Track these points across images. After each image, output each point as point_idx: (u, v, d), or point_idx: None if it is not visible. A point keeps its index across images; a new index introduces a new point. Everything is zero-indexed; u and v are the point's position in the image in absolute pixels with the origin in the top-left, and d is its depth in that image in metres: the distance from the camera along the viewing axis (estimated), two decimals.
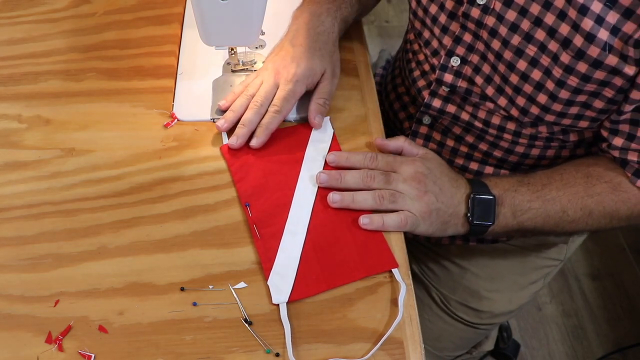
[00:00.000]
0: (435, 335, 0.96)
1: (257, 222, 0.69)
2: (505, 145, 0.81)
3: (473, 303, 0.94)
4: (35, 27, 0.92)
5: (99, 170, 0.74)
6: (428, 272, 0.96)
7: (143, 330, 0.61)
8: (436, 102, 0.82)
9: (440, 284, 0.95)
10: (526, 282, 0.95)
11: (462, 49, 0.76)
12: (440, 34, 0.78)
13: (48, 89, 0.83)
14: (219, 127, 0.75)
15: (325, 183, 0.71)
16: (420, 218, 0.68)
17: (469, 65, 0.76)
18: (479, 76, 0.76)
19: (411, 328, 0.62)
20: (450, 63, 0.77)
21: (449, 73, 0.78)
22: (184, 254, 0.67)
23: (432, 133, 0.86)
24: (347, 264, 0.66)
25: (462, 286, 0.93)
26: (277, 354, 0.60)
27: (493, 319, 0.96)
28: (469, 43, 0.75)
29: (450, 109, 0.81)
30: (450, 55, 0.77)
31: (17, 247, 0.67)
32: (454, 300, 0.94)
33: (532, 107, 0.71)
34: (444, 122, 0.84)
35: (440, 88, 0.80)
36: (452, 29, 0.76)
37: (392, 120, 0.94)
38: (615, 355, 1.46)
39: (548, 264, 0.95)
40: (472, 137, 0.83)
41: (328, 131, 0.78)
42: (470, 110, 0.79)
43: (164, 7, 0.95)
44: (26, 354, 0.60)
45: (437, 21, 0.77)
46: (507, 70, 0.71)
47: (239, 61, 0.85)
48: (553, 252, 0.94)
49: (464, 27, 0.74)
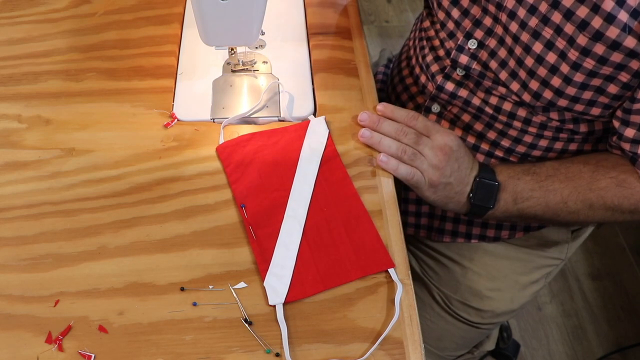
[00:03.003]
0: (437, 335, 0.96)
1: (252, 223, 0.69)
2: (513, 134, 0.81)
3: (475, 302, 0.94)
4: (35, 27, 0.92)
5: (99, 170, 0.74)
6: (429, 271, 0.96)
7: (143, 330, 0.61)
8: (449, 86, 0.82)
9: (441, 283, 0.95)
10: (528, 281, 0.95)
11: (481, 33, 0.76)
12: (460, 16, 0.78)
13: (48, 89, 0.83)
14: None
15: (364, 121, 0.75)
16: (427, 184, 0.73)
17: (485, 50, 0.76)
18: (494, 60, 0.76)
19: (411, 328, 0.62)
20: (467, 45, 0.78)
21: (465, 55, 0.78)
22: (184, 254, 0.67)
23: (440, 122, 0.86)
24: (343, 265, 0.66)
25: (463, 286, 0.93)
26: (277, 354, 0.60)
27: (495, 318, 0.97)
28: (488, 27, 0.75)
29: (462, 94, 0.81)
30: (468, 38, 0.77)
31: (17, 247, 0.67)
32: (455, 300, 0.94)
33: (545, 91, 0.72)
34: (454, 109, 0.84)
35: (454, 72, 0.81)
36: (473, 13, 0.76)
37: None
38: (615, 355, 1.46)
39: (549, 263, 0.95)
40: (482, 124, 0.82)
41: (323, 131, 0.78)
42: (482, 95, 0.80)
43: (164, 7, 0.95)
44: (26, 354, 0.60)
45: (459, 4, 0.77)
46: (523, 53, 0.71)
47: (239, 61, 0.85)
48: (554, 251, 0.94)
49: (485, 10, 0.74)
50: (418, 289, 0.94)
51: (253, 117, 0.81)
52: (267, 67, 0.86)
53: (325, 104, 0.82)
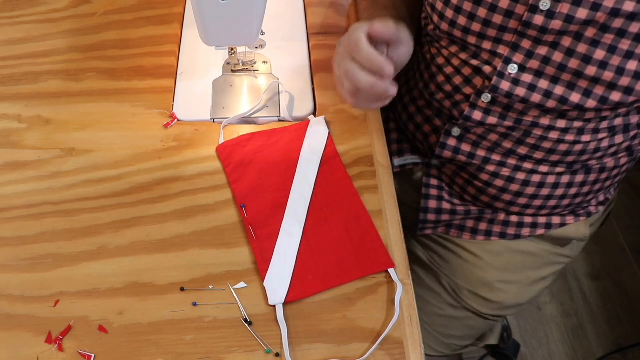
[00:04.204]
0: (444, 322, 0.95)
1: (252, 223, 0.69)
2: (548, 145, 0.79)
3: (484, 293, 0.93)
4: (35, 27, 0.92)
5: (99, 170, 0.74)
6: (438, 260, 0.95)
7: (143, 330, 0.61)
8: (476, 115, 0.79)
9: (452, 272, 0.94)
10: (538, 276, 0.95)
11: (521, 56, 0.73)
12: (493, 45, 0.74)
13: (48, 89, 0.83)
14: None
15: None
16: None
17: (528, 72, 0.74)
18: (542, 79, 0.73)
19: (411, 328, 0.62)
20: (507, 71, 0.74)
21: (506, 80, 0.75)
22: (184, 254, 0.67)
23: (461, 145, 0.84)
24: (343, 265, 0.66)
25: (474, 275, 0.93)
26: (277, 354, 0.60)
27: (502, 310, 0.96)
28: (527, 49, 0.72)
29: (491, 121, 0.79)
30: (508, 63, 0.74)
31: (17, 247, 0.67)
32: (465, 289, 0.93)
33: (612, 94, 0.70)
34: (478, 131, 0.81)
35: (478, 99, 0.78)
36: (506, 39, 0.73)
37: (412, 133, 0.91)
38: (615, 355, 1.46)
39: (560, 261, 0.95)
40: (511, 142, 0.80)
41: (323, 131, 0.78)
42: (515, 116, 0.77)
43: (164, 7, 0.95)
44: (26, 354, 0.60)
45: (487, 36, 0.74)
46: (581, 64, 0.70)
47: (239, 61, 0.85)
48: (567, 248, 0.94)
49: (521, 34, 0.72)
50: (426, 276, 0.93)
51: (253, 117, 0.81)
52: (267, 67, 0.86)
53: (325, 104, 0.82)
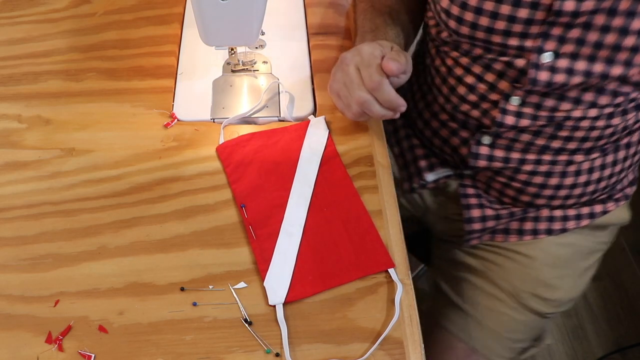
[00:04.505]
0: (511, 328, 0.94)
1: (252, 223, 0.69)
2: (580, 134, 0.78)
3: (542, 292, 0.92)
4: (35, 27, 0.92)
5: (99, 170, 0.74)
6: (492, 266, 0.94)
7: (143, 330, 0.61)
8: (509, 120, 0.78)
9: (508, 276, 0.93)
10: (585, 266, 0.95)
11: (554, 43, 0.72)
12: (520, 40, 0.73)
13: (48, 89, 0.83)
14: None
15: None
16: None
17: (563, 57, 0.72)
18: (579, 61, 0.72)
19: (411, 328, 0.62)
20: (541, 61, 0.73)
21: (544, 70, 0.73)
22: (184, 254, 0.67)
23: (494, 152, 0.83)
24: (343, 265, 0.66)
25: (530, 276, 0.92)
26: (277, 354, 0.60)
27: (560, 307, 0.95)
28: (559, 35, 0.71)
29: (524, 123, 0.78)
30: (540, 52, 0.73)
31: (17, 247, 0.67)
32: (524, 291, 0.92)
33: None
34: (509, 134, 0.80)
35: (507, 103, 0.77)
36: (533, 32, 0.72)
37: (439, 147, 0.90)
38: (615, 355, 1.46)
39: (602, 247, 0.95)
40: (544, 139, 0.79)
41: (323, 131, 0.78)
42: (547, 113, 0.76)
43: (164, 7, 0.95)
44: (26, 354, 0.60)
45: (512, 32, 0.73)
46: (619, 37, 0.69)
47: (239, 61, 0.85)
48: (606, 234, 0.93)
49: (551, 23, 0.70)
50: (484, 284, 0.92)
51: (253, 117, 0.81)
52: (267, 67, 0.86)
53: (325, 104, 0.82)
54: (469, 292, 0.92)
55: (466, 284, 0.93)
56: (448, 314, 0.93)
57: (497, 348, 0.93)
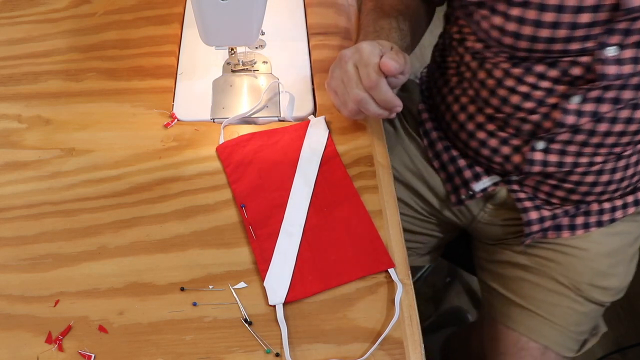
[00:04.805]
0: (577, 320, 0.94)
1: (252, 223, 0.69)
2: (634, 128, 0.78)
3: (600, 282, 0.93)
4: (35, 27, 0.92)
5: (99, 170, 0.74)
6: (548, 263, 0.94)
7: (143, 330, 0.61)
8: (570, 119, 0.77)
9: (566, 270, 0.93)
10: (633, 252, 0.95)
11: (618, 37, 0.71)
12: (581, 43, 0.72)
13: (48, 89, 0.83)
14: None
15: None
16: None
17: (630, 48, 0.72)
18: None
19: (411, 328, 0.62)
20: (606, 55, 0.72)
21: (611, 64, 0.72)
22: (184, 254, 0.67)
23: (548, 157, 0.82)
24: (343, 264, 0.66)
25: (587, 268, 0.92)
26: (277, 354, 0.60)
27: (617, 295, 0.96)
28: (624, 28, 0.70)
29: (583, 122, 0.77)
30: (603, 47, 0.72)
31: (17, 247, 0.67)
32: (583, 283, 0.93)
33: None
34: (563, 137, 0.80)
35: (568, 103, 0.76)
36: (595, 33, 0.71)
37: (487, 157, 0.88)
38: (615, 355, 1.46)
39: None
40: (598, 137, 0.79)
41: (323, 131, 0.78)
42: (613, 95, 0.75)
43: (164, 7, 0.95)
44: (26, 354, 0.60)
45: (575, 38, 0.72)
46: None
47: (239, 61, 0.85)
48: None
49: (614, 20, 0.70)
50: (542, 281, 0.92)
51: (253, 117, 0.81)
52: (267, 67, 0.86)
53: (325, 104, 0.82)
54: (530, 292, 0.93)
55: (525, 283, 0.93)
56: (512, 315, 0.93)
57: (567, 342, 0.93)
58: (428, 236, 1.04)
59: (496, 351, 0.94)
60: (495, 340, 0.95)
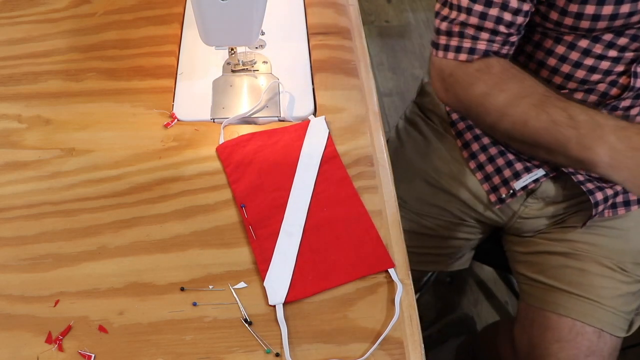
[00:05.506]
0: (626, 300, 0.95)
1: (252, 223, 0.69)
2: None
3: None
4: (35, 27, 0.92)
5: (99, 170, 0.74)
6: (589, 247, 0.94)
7: (143, 330, 0.61)
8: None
9: (608, 252, 0.94)
10: None
11: None
12: None
13: (48, 89, 0.83)
14: None
15: None
16: None
17: None
18: None
19: (411, 328, 0.62)
20: None
21: None
22: (184, 254, 0.67)
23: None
24: (343, 265, 0.66)
25: (630, 246, 0.93)
26: (277, 354, 0.60)
27: None
28: None
29: None
30: None
31: (17, 247, 0.67)
32: (628, 263, 0.94)
33: None
34: (618, 114, 0.81)
35: (638, 66, 0.78)
36: None
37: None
38: None
39: None
40: None
41: (323, 131, 0.78)
42: None
43: (164, 7, 0.95)
44: (26, 354, 0.60)
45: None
46: None
47: (239, 61, 0.85)
48: None
49: None
50: (591, 266, 0.92)
51: (253, 117, 0.81)
52: (267, 67, 0.86)
53: (325, 104, 0.82)
54: (576, 278, 0.93)
55: (568, 270, 0.94)
56: (562, 302, 0.93)
57: (619, 323, 0.94)
58: (466, 240, 1.04)
59: (549, 340, 0.94)
60: (547, 329, 0.94)
